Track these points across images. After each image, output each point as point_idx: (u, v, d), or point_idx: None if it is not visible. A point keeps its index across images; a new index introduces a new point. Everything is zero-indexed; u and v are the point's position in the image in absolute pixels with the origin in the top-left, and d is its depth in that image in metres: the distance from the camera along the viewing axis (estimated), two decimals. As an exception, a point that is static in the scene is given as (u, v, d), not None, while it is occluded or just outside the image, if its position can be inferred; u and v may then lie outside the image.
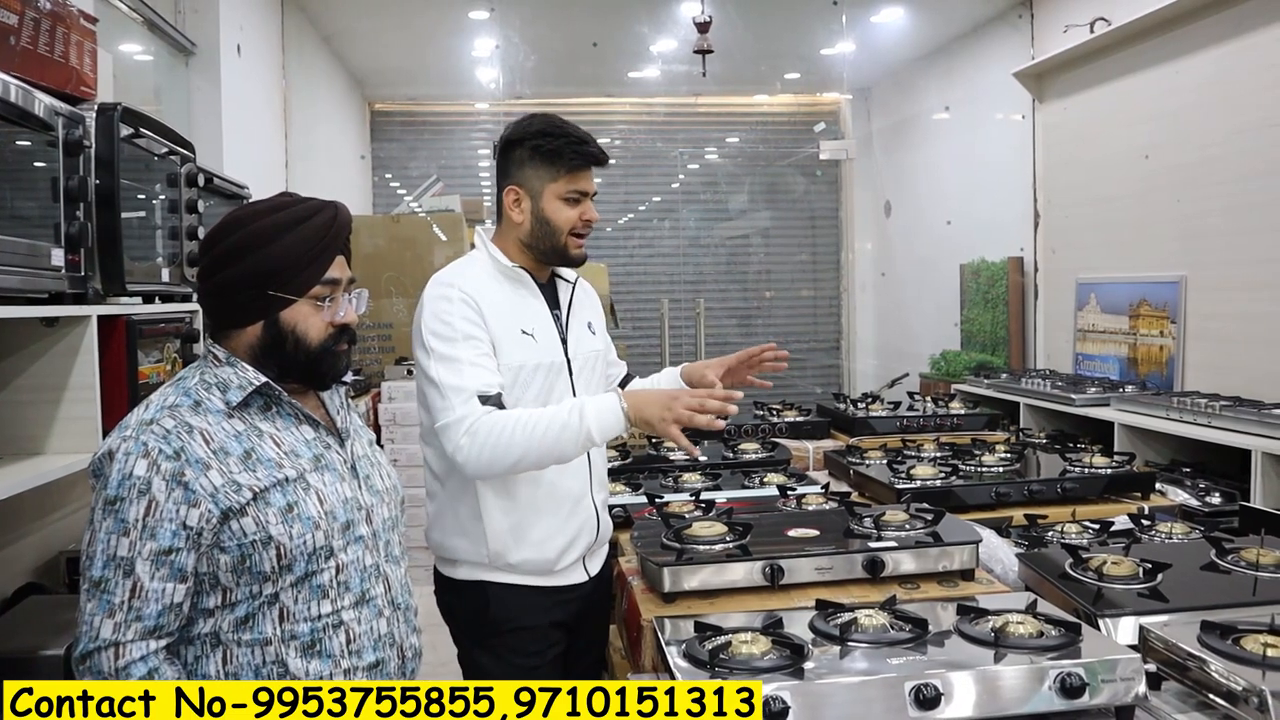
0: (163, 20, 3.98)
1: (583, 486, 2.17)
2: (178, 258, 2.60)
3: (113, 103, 2.24)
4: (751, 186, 7.85)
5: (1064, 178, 5.43)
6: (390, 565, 1.67)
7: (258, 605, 1.50)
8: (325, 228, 1.60)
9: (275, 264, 1.55)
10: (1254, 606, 1.76)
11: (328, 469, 1.60)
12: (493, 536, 2.10)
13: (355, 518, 1.61)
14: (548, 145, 2.11)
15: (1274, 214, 3.86)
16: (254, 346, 1.58)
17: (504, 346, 2.08)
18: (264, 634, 1.51)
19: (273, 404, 1.59)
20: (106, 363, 2.16)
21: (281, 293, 1.56)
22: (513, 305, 2.13)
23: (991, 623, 1.65)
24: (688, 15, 5.43)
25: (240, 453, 1.51)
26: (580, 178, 2.13)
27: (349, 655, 1.56)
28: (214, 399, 1.54)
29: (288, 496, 1.52)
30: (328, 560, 1.55)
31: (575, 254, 2.17)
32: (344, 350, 1.66)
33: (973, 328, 6.31)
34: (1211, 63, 4.19)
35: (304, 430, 1.61)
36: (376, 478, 1.71)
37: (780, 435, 3.68)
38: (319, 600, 1.54)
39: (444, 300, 2.07)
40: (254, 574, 1.49)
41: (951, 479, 2.76)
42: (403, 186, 7.45)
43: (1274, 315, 3.87)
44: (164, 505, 1.44)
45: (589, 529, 2.18)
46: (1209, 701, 1.50)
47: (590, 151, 2.12)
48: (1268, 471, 3.15)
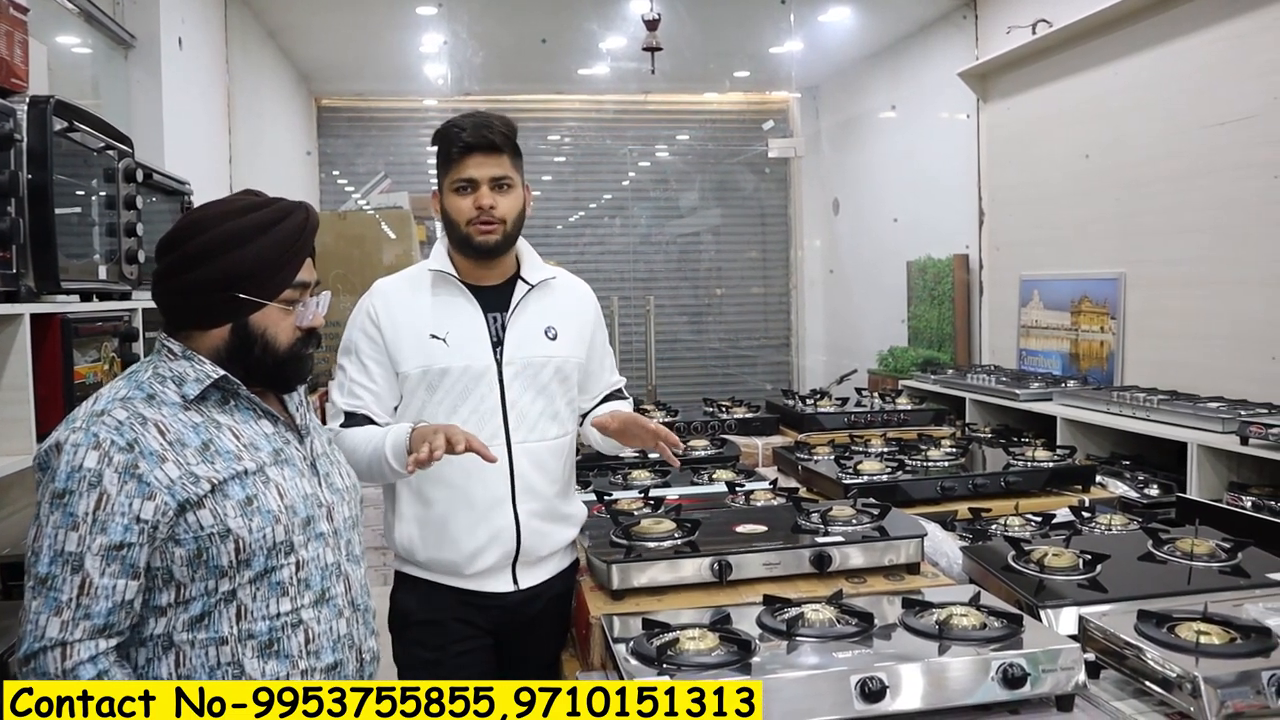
0: (101, 12, 3.89)
1: (499, 495, 2.10)
2: (116, 255, 2.54)
3: (45, 95, 2.18)
4: (702, 184, 7.88)
5: (1007, 176, 5.51)
6: (351, 564, 1.65)
7: (214, 603, 1.46)
8: (298, 230, 1.57)
9: (250, 267, 1.52)
10: (1188, 595, 1.81)
11: (288, 464, 1.57)
12: (402, 533, 2.12)
13: (316, 514, 1.58)
14: (439, 143, 2.13)
15: (1209, 213, 3.95)
16: (219, 349, 1.55)
17: (404, 353, 2.09)
18: (220, 633, 1.47)
19: (231, 397, 1.56)
20: (40, 363, 2.10)
21: (254, 296, 1.53)
22: (429, 310, 2.11)
23: (936, 615, 1.67)
24: (637, 12, 5.42)
25: (198, 444, 1.48)
26: (465, 166, 2.09)
27: (307, 656, 1.53)
28: (169, 391, 1.50)
29: (247, 489, 1.49)
30: (288, 556, 1.52)
31: (479, 241, 2.10)
32: (310, 355, 1.64)
33: (919, 324, 6.39)
34: (1149, 65, 4.28)
35: (263, 424, 1.58)
36: (336, 475, 1.69)
37: (730, 432, 3.69)
38: (278, 598, 1.51)
39: (357, 310, 2.17)
40: (210, 568, 1.45)
41: (898, 474, 2.80)
42: (350, 183, 7.37)
43: (1209, 312, 3.97)
44: (116, 498, 1.40)
45: (506, 538, 2.10)
46: (1145, 689, 1.53)
47: (464, 139, 2.08)
48: (1203, 463, 3.24)
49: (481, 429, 2.07)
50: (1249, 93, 3.74)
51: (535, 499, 2.13)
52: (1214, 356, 3.94)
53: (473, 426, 2.06)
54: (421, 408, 2.10)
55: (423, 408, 2.09)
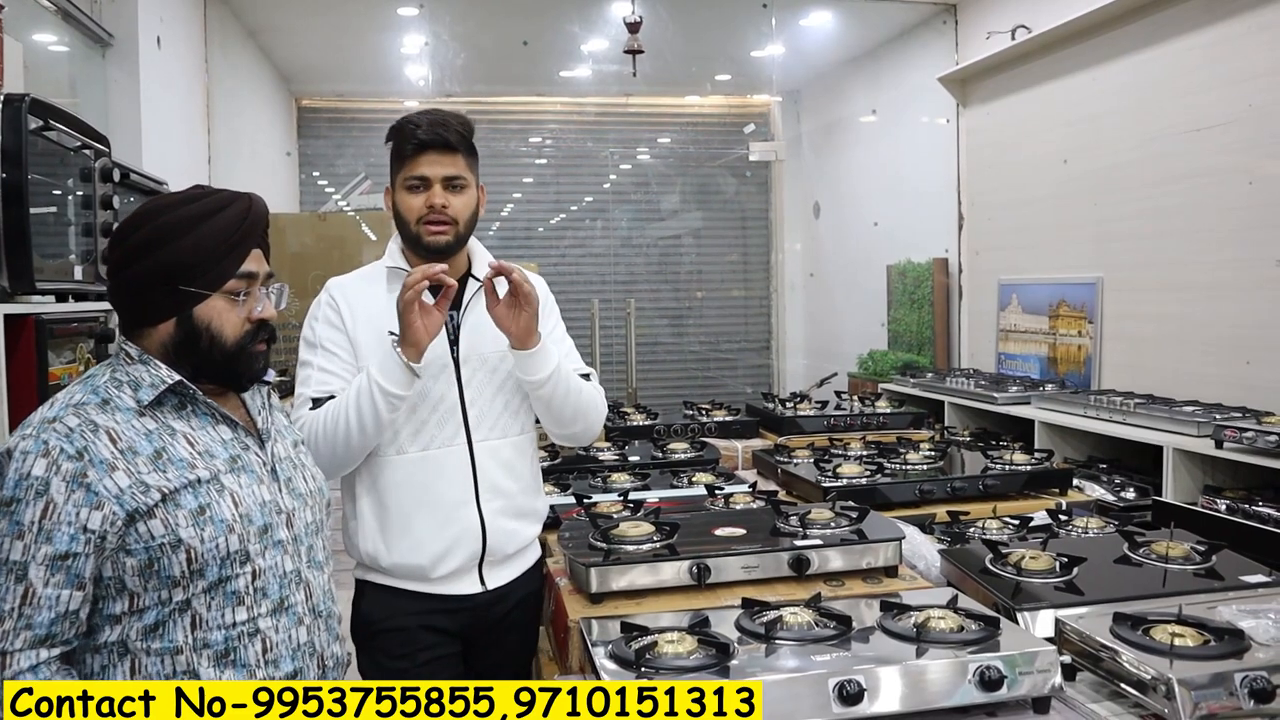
0: (78, 10, 3.86)
1: (462, 494, 2.09)
2: (92, 255, 2.52)
3: (21, 93, 2.16)
4: (683, 187, 7.88)
5: (987, 181, 5.54)
6: (313, 571, 1.62)
7: (168, 612, 1.45)
8: (239, 219, 1.55)
9: (186, 258, 1.50)
10: (1163, 598, 1.82)
11: (245, 470, 1.55)
12: (364, 540, 2.09)
13: (274, 521, 1.56)
14: (394, 138, 2.11)
15: (1185, 218, 3.99)
16: (166, 345, 1.52)
17: (365, 350, 2.07)
18: (174, 643, 1.45)
19: (188, 403, 1.54)
20: (14, 364, 2.08)
21: (193, 287, 1.51)
22: (387, 308, 2.07)
23: (914, 618, 1.68)
24: (618, 15, 5.42)
25: (150, 452, 1.45)
26: (418, 163, 2.07)
27: (265, 665, 1.51)
28: (124, 397, 1.48)
29: (200, 498, 1.47)
30: (243, 566, 1.50)
31: (429, 241, 2.08)
32: (262, 350, 1.61)
33: (899, 328, 6.41)
34: (1127, 71, 4.31)
35: (221, 430, 1.56)
36: (299, 480, 1.66)
37: (709, 435, 3.70)
38: (234, 607, 1.49)
39: (315, 306, 2.14)
40: (162, 579, 1.43)
41: (877, 477, 2.80)
42: (330, 184, 7.33)
43: (1185, 316, 4.00)
44: (63, 508, 1.37)
45: (471, 538, 2.08)
46: (1121, 691, 1.54)
47: (418, 136, 2.06)
48: (1178, 467, 3.26)
49: (442, 427, 2.08)
50: (1225, 99, 3.78)
51: (499, 496, 2.12)
52: (1189, 361, 3.98)
53: (433, 425, 2.07)
54: None
55: None
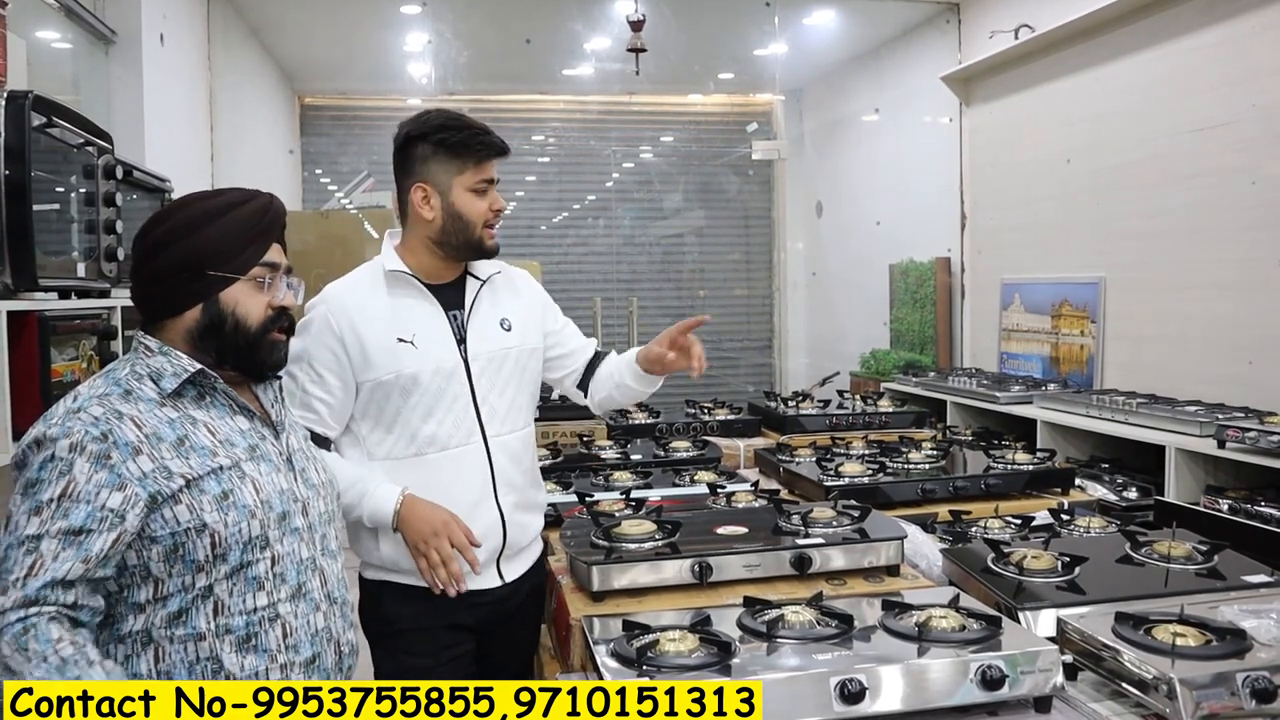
0: (81, 7, 3.86)
1: (480, 493, 2.11)
2: (95, 252, 2.52)
3: (24, 90, 2.16)
4: (685, 185, 7.87)
5: (989, 180, 5.54)
6: (327, 559, 1.66)
7: (191, 598, 1.48)
8: (262, 211, 1.61)
9: (214, 245, 1.55)
10: (1165, 597, 1.82)
11: (263, 459, 1.59)
12: (386, 543, 2.09)
13: (291, 509, 1.60)
14: (452, 139, 2.09)
15: (1187, 217, 3.98)
16: (191, 331, 1.56)
17: (376, 358, 2.07)
18: (197, 629, 1.48)
19: (207, 393, 1.57)
20: (17, 361, 2.09)
21: (222, 271, 1.56)
22: (392, 313, 2.09)
23: (915, 617, 1.68)
24: (621, 13, 5.42)
25: (173, 439, 1.49)
26: (486, 168, 2.12)
27: (285, 650, 1.54)
28: (146, 388, 1.52)
29: (223, 484, 1.51)
30: (263, 551, 1.53)
31: (490, 245, 2.15)
32: (282, 339, 1.65)
33: (901, 327, 6.41)
34: (1130, 70, 4.31)
35: (239, 420, 1.60)
36: (312, 471, 1.70)
37: (711, 433, 3.70)
38: (255, 592, 1.52)
39: (308, 317, 2.11)
40: (187, 563, 1.47)
41: (879, 476, 2.80)
42: (333, 182, 7.33)
43: (1187, 315, 4.00)
44: (84, 487, 1.41)
45: (493, 534, 2.12)
46: (1122, 690, 1.54)
47: (493, 142, 2.11)
48: (1180, 466, 3.26)
49: (458, 428, 2.10)
50: (1229, 99, 3.77)
51: (513, 491, 2.17)
52: (1192, 360, 3.97)
53: (449, 426, 2.09)
54: (397, 413, 2.08)
55: (398, 413, 2.08)
